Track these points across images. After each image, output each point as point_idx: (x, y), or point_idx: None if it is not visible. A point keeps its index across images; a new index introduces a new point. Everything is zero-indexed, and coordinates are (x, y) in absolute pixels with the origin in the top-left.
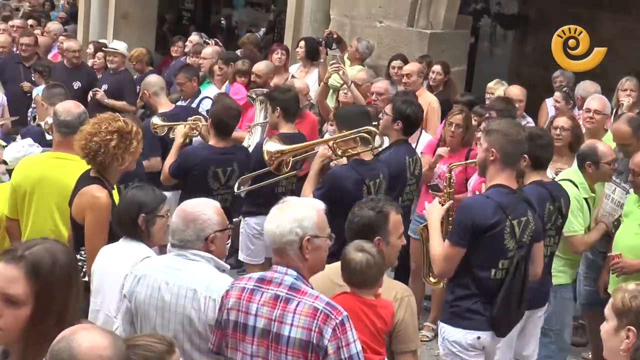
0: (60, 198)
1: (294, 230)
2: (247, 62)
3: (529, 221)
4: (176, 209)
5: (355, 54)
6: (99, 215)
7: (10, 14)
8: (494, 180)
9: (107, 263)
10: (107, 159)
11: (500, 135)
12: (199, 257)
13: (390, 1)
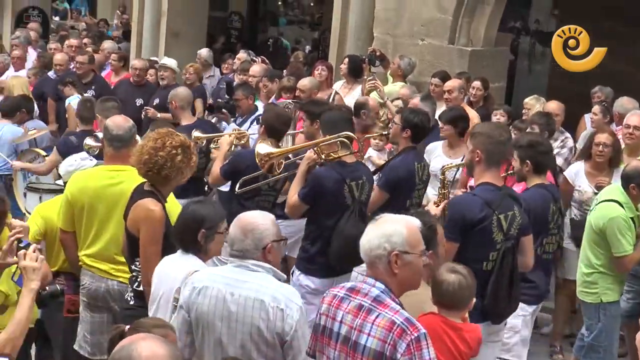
0: (116, 210)
1: (382, 245)
2: (292, 78)
3: (515, 215)
4: (234, 220)
5: (398, 70)
6: (153, 228)
7: (67, 33)
8: (480, 179)
9: (164, 273)
10: (172, 173)
11: (484, 137)
12: (259, 268)
13: (431, 20)
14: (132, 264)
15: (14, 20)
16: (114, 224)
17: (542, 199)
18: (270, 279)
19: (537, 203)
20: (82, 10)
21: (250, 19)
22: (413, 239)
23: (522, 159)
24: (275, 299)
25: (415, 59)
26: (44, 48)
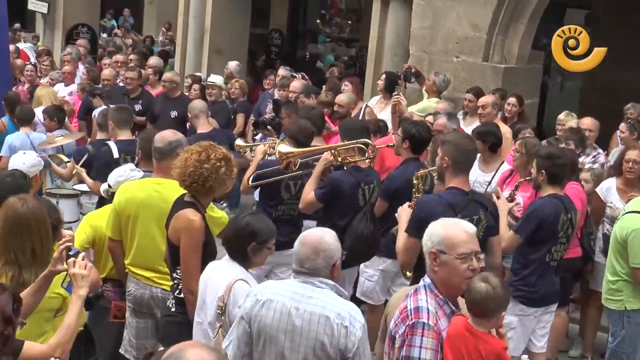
0: (159, 220)
1: (426, 242)
2: (330, 93)
3: (480, 219)
4: (300, 237)
5: (433, 87)
6: (193, 237)
7: (114, 50)
8: (449, 184)
9: (210, 279)
10: (215, 185)
11: (452, 145)
12: (324, 285)
13: (466, 37)
14: (174, 272)
15: (64, 37)
16: (157, 234)
17: (553, 209)
18: (334, 295)
19: (548, 212)
20: (128, 27)
21: (290, 36)
22: (450, 241)
23: (538, 168)
24: (340, 316)
25: (450, 75)
26: (92, 64)
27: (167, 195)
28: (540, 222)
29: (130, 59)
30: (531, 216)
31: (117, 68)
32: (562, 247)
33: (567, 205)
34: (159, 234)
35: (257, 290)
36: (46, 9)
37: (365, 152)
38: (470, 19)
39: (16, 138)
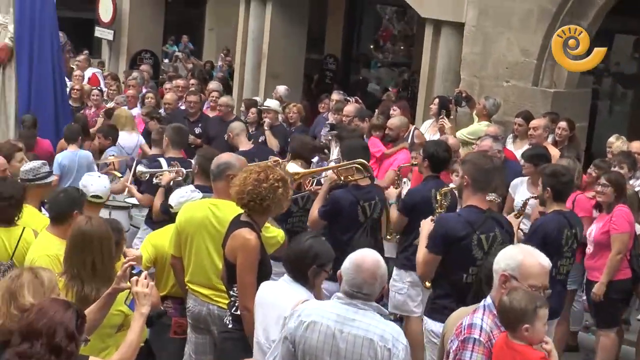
0: (215, 240)
1: (499, 263)
2: (382, 117)
3: (496, 236)
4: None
5: (483, 110)
6: (249, 256)
7: (175, 74)
8: (467, 201)
9: (271, 299)
10: (272, 204)
11: (472, 165)
12: (367, 307)
13: (516, 63)
14: (230, 290)
15: (128, 62)
16: (213, 253)
17: (557, 225)
18: (377, 317)
19: (553, 227)
20: (189, 53)
21: (344, 61)
22: (526, 270)
23: (544, 185)
24: (383, 339)
25: (500, 99)
26: (155, 88)
27: (222, 215)
28: (544, 237)
29: (191, 84)
30: (536, 232)
31: (178, 92)
32: (568, 262)
33: (571, 221)
34: (214, 253)
35: (302, 312)
36: (112, 36)
37: (362, 172)
38: (521, 45)
39: (65, 157)
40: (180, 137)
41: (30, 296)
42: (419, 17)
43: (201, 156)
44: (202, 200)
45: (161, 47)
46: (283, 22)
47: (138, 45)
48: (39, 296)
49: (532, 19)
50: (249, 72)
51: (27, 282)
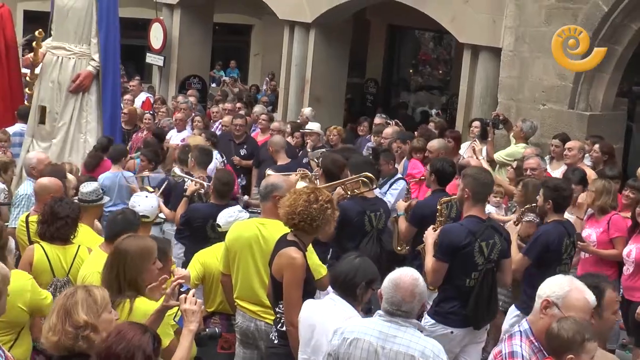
0: (262, 258)
1: (544, 288)
2: (422, 140)
3: (495, 243)
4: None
5: (520, 133)
6: (296, 274)
7: (221, 98)
8: (468, 212)
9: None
10: (322, 225)
11: (472, 179)
12: (408, 323)
13: (552, 86)
14: (276, 307)
15: (177, 87)
16: (260, 270)
17: (557, 234)
18: (418, 333)
19: (554, 236)
20: (236, 77)
21: (385, 84)
22: (570, 303)
23: (545, 198)
24: (424, 355)
25: (537, 122)
26: (202, 112)
27: (268, 235)
28: (546, 245)
29: (238, 107)
30: (538, 240)
31: (225, 115)
32: (566, 268)
33: (569, 230)
34: (262, 270)
35: (344, 329)
36: (162, 62)
37: (368, 185)
38: (557, 69)
39: (107, 178)
40: (206, 158)
41: (84, 314)
42: (456, 42)
43: (216, 178)
44: (251, 220)
45: (209, 72)
46: (325, 47)
47: (187, 71)
48: (92, 314)
49: None
50: (293, 95)
51: (81, 300)
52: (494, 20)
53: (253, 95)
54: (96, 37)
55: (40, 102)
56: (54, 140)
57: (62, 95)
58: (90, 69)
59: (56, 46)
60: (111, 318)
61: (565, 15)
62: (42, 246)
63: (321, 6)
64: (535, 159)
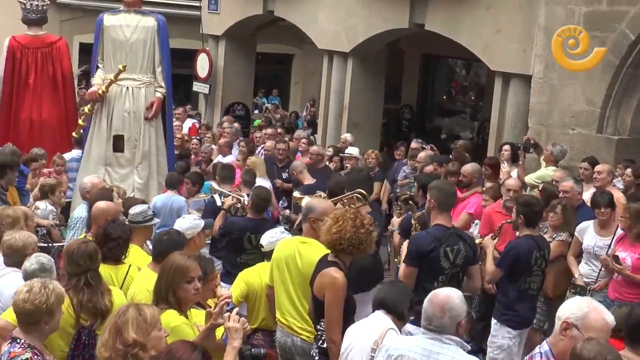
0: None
1: (563, 310)
2: (457, 163)
3: (460, 249)
4: (429, 295)
5: (550, 156)
6: (337, 293)
7: (265, 124)
8: (434, 221)
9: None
10: (367, 248)
11: (437, 190)
12: (450, 341)
13: (581, 112)
14: (317, 324)
15: (222, 113)
16: (297, 287)
17: (527, 247)
18: (460, 351)
19: (523, 250)
20: (277, 104)
21: (419, 110)
22: (589, 324)
23: (517, 213)
24: None
25: (567, 146)
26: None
27: (305, 254)
28: (517, 257)
29: (279, 132)
30: (509, 253)
31: (266, 139)
32: (538, 279)
33: (539, 244)
34: (297, 287)
35: (389, 346)
36: (208, 90)
37: (362, 200)
38: (585, 95)
39: (159, 199)
40: (249, 177)
41: (133, 332)
42: (488, 69)
43: (255, 194)
44: (293, 238)
45: (252, 99)
46: (363, 75)
47: (231, 98)
48: (141, 332)
49: (596, 71)
50: (332, 121)
51: (132, 319)
52: (525, 49)
53: (293, 121)
54: (160, 66)
55: (115, 132)
56: (140, 166)
57: (139, 122)
58: (159, 96)
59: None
60: (160, 335)
61: (593, 42)
62: None
63: (358, 37)
64: (569, 182)
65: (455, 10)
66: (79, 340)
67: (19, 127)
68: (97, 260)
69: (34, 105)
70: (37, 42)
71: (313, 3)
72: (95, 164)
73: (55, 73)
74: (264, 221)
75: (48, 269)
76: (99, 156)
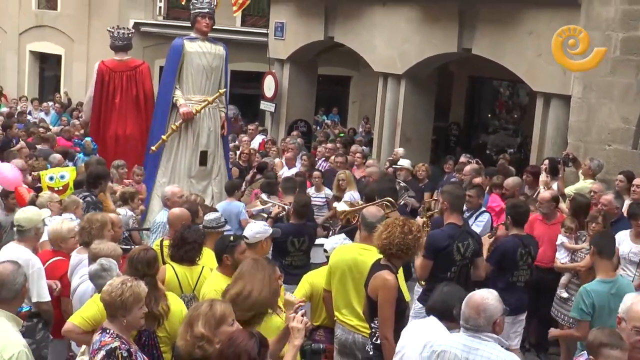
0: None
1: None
2: (501, 177)
3: (469, 244)
4: (467, 297)
5: (588, 170)
6: (389, 294)
7: (324, 139)
8: (447, 220)
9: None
10: (416, 252)
11: (448, 194)
12: (489, 339)
13: (617, 129)
14: (372, 322)
15: (286, 129)
16: (359, 290)
17: (512, 245)
18: (497, 347)
19: (509, 247)
20: (336, 121)
21: (466, 127)
22: (634, 314)
23: (506, 214)
24: None
25: (603, 161)
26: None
27: (362, 259)
28: (503, 254)
29: (338, 147)
30: (497, 250)
31: (326, 154)
32: (525, 272)
33: (525, 242)
34: (359, 290)
35: (433, 342)
36: (273, 109)
37: (390, 207)
38: (621, 113)
39: (220, 206)
40: (290, 185)
41: (201, 326)
42: (530, 90)
43: (296, 202)
44: (353, 245)
45: (313, 116)
46: (414, 95)
47: (294, 116)
48: (209, 327)
49: (631, 92)
50: (386, 137)
51: (203, 314)
52: (564, 71)
53: (350, 136)
54: (224, 88)
55: (202, 148)
56: (217, 178)
57: (216, 139)
58: (224, 115)
59: (199, 100)
60: (231, 331)
61: (628, 65)
62: (173, 266)
63: (410, 60)
64: (609, 197)
65: (499, 36)
66: (139, 341)
67: (106, 141)
68: (154, 268)
69: (119, 122)
70: (123, 66)
71: (369, 30)
72: (182, 176)
73: (138, 93)
74: (305, 226)
75: (107, 268)
76: (187, 169)
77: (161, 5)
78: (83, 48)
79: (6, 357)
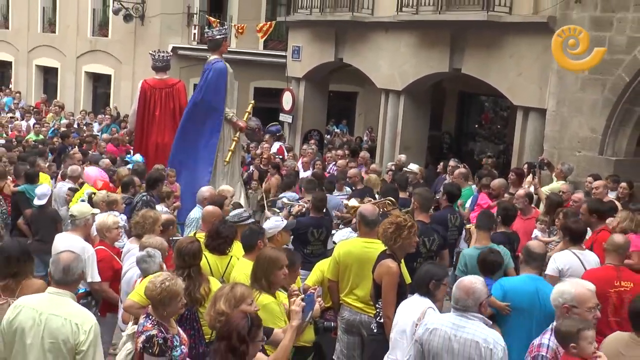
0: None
1: (557, 298)
2: (489, 178)
3: (435, 239)
4: (457, 282)
5: (561, 173)
6: (392, 279)
7: (333, 147)
8: (417, 217)
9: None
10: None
11: (419, 195)
12: (475, 318)
13: (586, 138)
14: (376, 304)
15: (302, 138)
16: (365, 277)
17: (498, 241)
18: (482, 325)
19: (497, 242)
20: (344, 131)
21: (457, 136)
22: (581, 298)
23: (497, 214)
24: (486, 341)
25: (574, 165)
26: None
27: (372, 252)
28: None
29: (346, 154)
30: None
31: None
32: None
33: (510, 239)
34: (366, 277)
35: (427, 321)
36: (291, 120)
37: (391, 205)
38: (589, 125)
39: None
40: (311, 185)
41: (222, 305)
42: (511, 104)
43: (314, 198)
44: (357, 239)
45: (325, 127)
46: (412, 109)
47: (308, 126)
48: (229, 305)
49: (598, 106)
50: (387, 145)
51: (225, 294)
52: (541, 87)
53: (357, 144)
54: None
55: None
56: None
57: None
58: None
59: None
60: (249, 310)
61: (595, 84)
62: (205, 255)
63: (409, 78)
64: (580, 194)
65: (485, 58)
66: (182, 315)
67: (147, 148)
68: (198, 258)
69: (158, 132)
70: (162, 84)
71: (374, 52)
72: (237, 181)
73: (174, 107)
74: (323, 219)
75: (152, 254)
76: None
77: (195, 32)
78: (129, 69)
79: (86, 328)
